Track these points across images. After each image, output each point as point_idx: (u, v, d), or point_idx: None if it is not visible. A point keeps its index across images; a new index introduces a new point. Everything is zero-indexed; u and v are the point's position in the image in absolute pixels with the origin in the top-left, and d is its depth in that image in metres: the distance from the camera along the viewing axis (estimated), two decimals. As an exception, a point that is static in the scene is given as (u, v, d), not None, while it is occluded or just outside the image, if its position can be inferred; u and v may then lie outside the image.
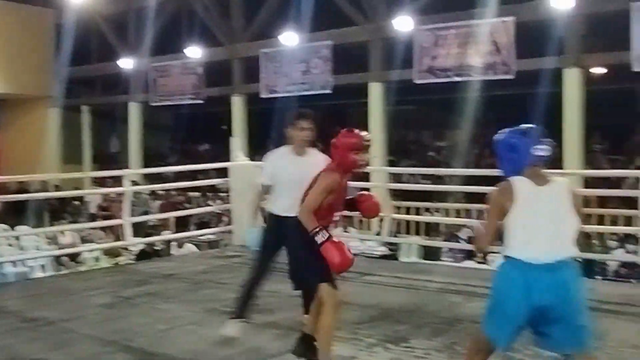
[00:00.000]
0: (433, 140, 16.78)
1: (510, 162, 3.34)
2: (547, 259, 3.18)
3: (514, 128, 3.46)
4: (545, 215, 3.23)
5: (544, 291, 3.15)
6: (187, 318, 5.82)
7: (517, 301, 3.17)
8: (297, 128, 4.93)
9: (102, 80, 20.33)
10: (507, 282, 3.23)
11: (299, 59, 14.94)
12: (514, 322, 3.23)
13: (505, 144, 3.39)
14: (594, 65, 12.55)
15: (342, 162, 4.33)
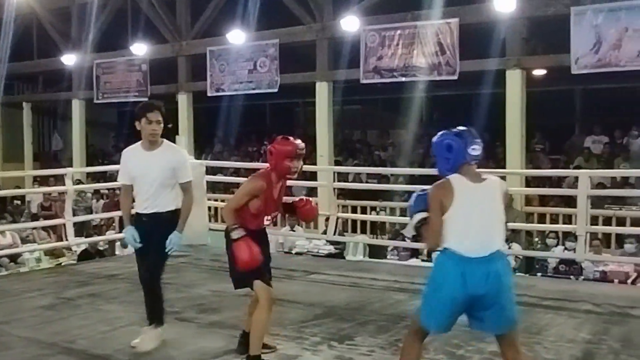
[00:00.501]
0: (379, 139, 16.91)
1: (447, 161, 3.57)
2: (482, 252, 3.42)
3: (449, 130, 3.68)
4: (480, 212, 3.46)
5: (478, 282, 3.40)
6: (130, 319, 5.75)
7: (453, 291, 3.42)
8: (146, 121, 4.79)
9: (44, 76, 19.86)
10: (445, 273, 3.47)
11: (245, 58, 14.87)
12: (449, 309, 3.48)
13: (442, 144, 3.61)
14: (535, 67, 12.81)
15: (277, 168, 4.48)
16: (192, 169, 9.48)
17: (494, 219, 3.51)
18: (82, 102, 18.34)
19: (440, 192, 3.48)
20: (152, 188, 4.86)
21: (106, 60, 17.55)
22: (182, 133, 14.21)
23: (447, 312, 3.50)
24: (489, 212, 3.48)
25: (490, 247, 3.46)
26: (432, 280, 3.56)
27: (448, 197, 3.44)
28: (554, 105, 14.99)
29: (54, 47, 18.51)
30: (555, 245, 10.05)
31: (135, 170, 4.91)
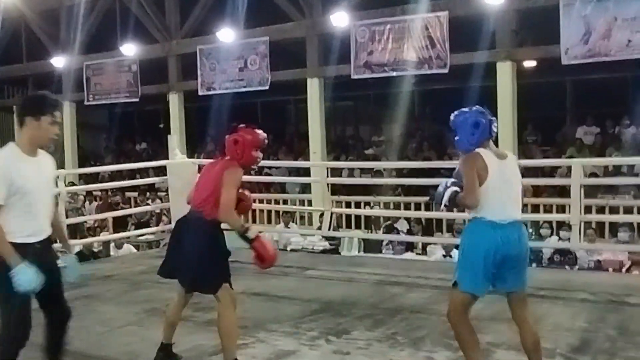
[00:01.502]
0: (371, 135, 16.91)
1: (472, 137, 3.90)
2: (512, 218, 3.85)
3: (473, 108, 4.02)
4: (508, 184, 3.87)
5: (512, 244, 3.82)
6: (126, 319, 5.73)
7: (492, 251, 3.77)
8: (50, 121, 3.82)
9: (34, 79, 19.72)
10: (484, 236, 3.81)
11: (236, 56, 14.83)
12: (490, 270, 3.81)
13: (468, 121, 3.93)
14: (525, 59, 12.83)
15: (243, 158, 4.36)
16: (185, 168, 9.53)
17: (518, 190, 3.94)
18: (73, 104, 18.26)
19: (477, 164, 3.80)
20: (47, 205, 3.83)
21: (96, 62, 17.48)
22: (174, 132, 14.16)
23: (487, 271, 3.80)
24: (514, 185, 3.91)
25: (517, 215, 3.89)
26: (471, 245, 3.86)
27: (483, 170, 3.79)
28: (545, 96, 15.02)
29: (43, 50, 18.42)
30: (549, 235, 10.07)
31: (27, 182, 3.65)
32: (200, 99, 16.09)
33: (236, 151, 4.35)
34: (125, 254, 10.24)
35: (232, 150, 4.37)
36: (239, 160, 4.34)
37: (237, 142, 4.36)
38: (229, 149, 4.39)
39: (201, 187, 4.38)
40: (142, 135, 20.87)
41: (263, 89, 14.67)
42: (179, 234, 4.39)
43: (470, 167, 3.80)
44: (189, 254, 4.25)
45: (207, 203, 4.26)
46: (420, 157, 14.20)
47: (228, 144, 4.40)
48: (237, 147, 4.35)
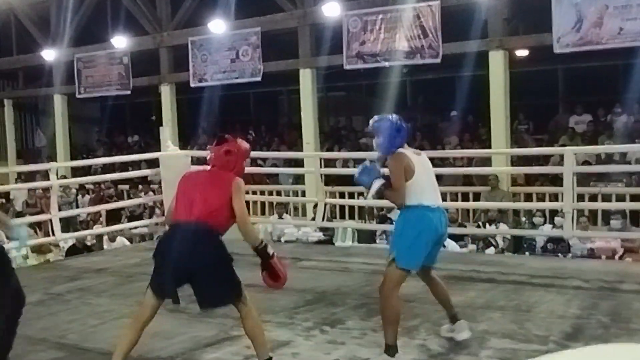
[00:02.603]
0: (364, 125, 16.89)
1: (395, 140, 4.36)
2: (437, 203, 4.43)
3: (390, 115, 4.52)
4: (430, 175, 4.47)
5: (442, 224, 4.41)
6: (120, 312, 5.73)
7: (433, 232, 4.33)
8: None
9: (25, 72, 19.64)
10: (424, 221, 4.29)
11: (227, 47, 14.78)
12: (428, 249, 4.34)
13: (393, 126, 4.39)
14: (517, 48, 12.83)
15: (236, 169, 4.31)
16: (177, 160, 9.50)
17: (435, 180, 4.54)
18: (64, 97, 18.19)
19: (404, 162, 4.27)
20: None
21: (87, 54, 17.38)
22: (166, 124, 14.11)
23: (426, 250, 4.33)
24: (433, 176, 4.50)
25: (440, 200, 4.49)
26: (414, 229, 4.28)
27: (410, 166, 4.27)
28: (537, 85, 15.04)
29: (33, 43, 18.32)
30: (542, 224, 10.11)
31: None
32: (192, 91, 16.04)
33: (229, 162, 4.28)
34: (119, 247, 10.24)
35: (224, 160, 4.28)
36: (231, 171, 4.26)
37: (230, 153, 4.28)
38: (219, 159, 4.29)
39: (202, 200, 4.13)
40: (133, 127, 20.81)
41: (255, 80, 14.62)
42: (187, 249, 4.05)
43: (398, 168, 4.26)
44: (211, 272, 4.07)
45: (217, 215, 4.09)
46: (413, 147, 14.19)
47: (219, 154, 4.29)
48: (231, 157, 4.28)
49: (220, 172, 4.27)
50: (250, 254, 4.29)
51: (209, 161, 4.37)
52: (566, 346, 4.54)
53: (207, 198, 4.12)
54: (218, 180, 4.21)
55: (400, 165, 4.26)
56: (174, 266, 4.07)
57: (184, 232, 4.09)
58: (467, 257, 8.50)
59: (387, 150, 4.39)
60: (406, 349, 4.59)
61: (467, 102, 13.77)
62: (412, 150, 4.46)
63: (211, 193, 4.14)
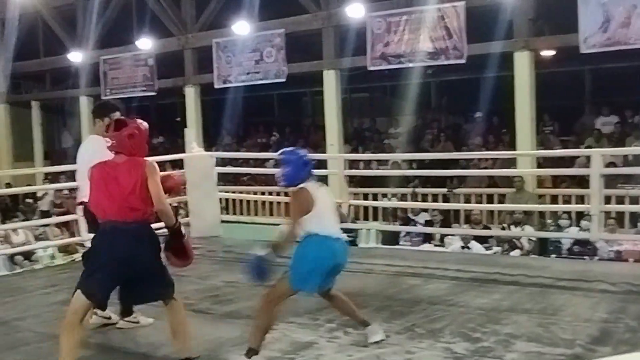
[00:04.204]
0: (387, 126, 16.85)
1: (300, 173, 4.53)
2: (337, 233, 4.57)
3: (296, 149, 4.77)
4: (331, 206, 4.63)
5: (341, 254, 4.55)
6: (146, 312, 5.74)
7: (329, 260, 4.46)
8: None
9: (52, 74, 19.89)
10: (325, 248, 4.45)
11: (252, 48, 14.84)
12: (323, 274, 4.44)
13: (300, 161, 4.57)
14: (543, 48, 12.71)
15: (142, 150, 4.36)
16: (202, 161, 9.55)
17: (336, 212, 4.74)
18: (90, 98, 18.36)
19: (306, 197, 4.42)
20: None
21: (112, 56, 17.56)
22: (191, 126, 14.20)
23: (322, 276, 4.46)
24: (332, 207, 4.66)
25: (339, 230, 4.62)
26: (313, 254, 4.43)
27: (309, 200, 4.42)
28: (563, 86, 14.88)
29: (60, 45, 18.53)
30: (568, 226, 10.00)
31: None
32: (217, 92, 16.11)
33: (132, 145, 4.26)
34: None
35: (127, 144, 4.25)
36: (136, 154, 4.27)
37: (133, 136, 4.27)
38: (122, 143, 4.25)
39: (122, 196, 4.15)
40: (158, 129, 20.89)
41: (279, 81, 14.65)
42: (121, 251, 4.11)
43: (298, 202, 4.43)
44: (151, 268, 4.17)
45: (142, 207, 4.16)
46: (437, 148, 14.15)
47: (121, 139, 4.24)
48: (134, 141, 4.27)
49: (130, 159, 4.25)
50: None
51: (112, 148, 4.28)
52: (593, 350, 4.49)
53: (128, 191, 4.15)
54: (131, 168, 4.20)
55: (301, 200, 4.44)
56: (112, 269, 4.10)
57: (119, 234, 4.13)
58: (491, 259, 8.44)
59: (292, 182, 4.55)
60: (431, 351, 4.57)
61: (491, 103, 13.69)
62: (314, 184, 4.59)
63: (129, 184, 4.16)
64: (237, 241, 9.20)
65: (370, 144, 15.75)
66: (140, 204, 4.15)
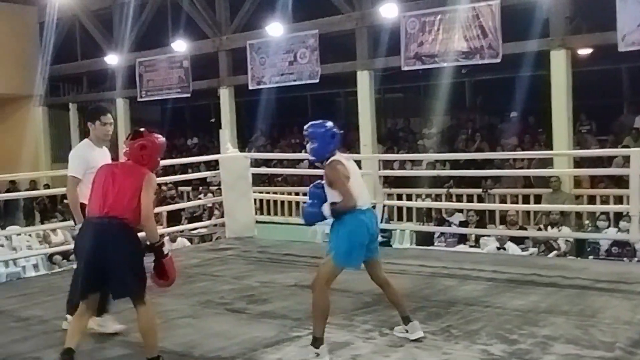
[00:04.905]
0: (421, 127, 16.77)
1: (328, 146, 4.54)
2: (368, 204, 4.66)
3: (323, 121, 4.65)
4: (359, 179, 4.65)
5: (374, 224, 4.62)
6: (182, 311, 5.82)
7: (365, 232, 4.51)
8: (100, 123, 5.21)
9: (89, 77, 20.18)
10: (356, 223, 4.48)
11: (285, 49, 14.88)
12: (364, 247, 4.53)
13: (327, 133, 4.57)
14: (580, 47, 12.53)
15: (150, 164, 4.42)
16: (237, 162, 9.60)
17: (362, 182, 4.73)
18: (126, 100, 18.62)
19: (342, 168, 4.46)
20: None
21: (148, 59, 17.76)
22: (225, 126, 14.32)
23: (363, 250, 4.53)
24: (361, 178, 4.71)
25: (369, 200, 4.76)
26: (350, 230, 4.47)
27: (347, 171, 4.47)
28: (600, 85, 14.66)
29: (97, 48, 18.80)
30: (606, 227, 9.85)
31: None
32: (251, 94, 16.20)
33: (142, 156, 4.39)
34: (179, 248, 10.39)
35: (138, 155, 4.39)
36: (145, 165, 4.38)
37: (145, 148, 4.40)
38: (133, 153, 4.40)
39: (114, 194, 4.27)
40: (193, 130, 21.13)
41: (313, 82, 14.68)
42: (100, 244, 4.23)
43: (339, 173, 4.44)
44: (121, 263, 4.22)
45: (129, 209, 4.23)
46: (472, 149, 14.04)
47: (133, 149, 4.41)
48: (145, 152, 4.39)
49: (134, 165, 4.38)
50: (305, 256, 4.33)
51: (125, 155, 4.47)
52: (633, 353, 4.42)
53: (120, 192, 4.26)
54: (131, 173, 4.33)
55: (340, 170, 4.45)
56: (87, 262, 4.29)
57: (96, 228, 4.27)
58: (528, 261, 8.35)
59: (321, 156, 4.56)
60: (467, 352, 4.54)
61: (527, 103, 13.53)
62: (344, 156, 4.64)
63: (123, 186, 4.28)
64: (272, 241, 9.24)
65: (404, 144, 15.69)
66: (126, 207, 4.24)
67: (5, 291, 7.09)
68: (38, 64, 19.37)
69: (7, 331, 5.41)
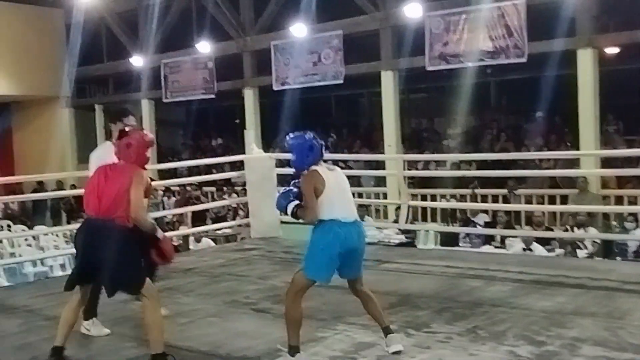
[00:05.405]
0: (446, 127, 16.69)
1: (307, 158, 4.48)
2: (351, 218, 4.51)
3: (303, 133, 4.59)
4: (343, 190, 4.56)
5: (353, 239, 4.47)
6: (208, 311, 5.84)
7: (339, 246, 4.39)
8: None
9: (115, 78, 20.38)
10: (332, 235, 4.39)
11: (309, 50, 14.90)
12: (335, 261, 4.41)
13: (304, 145, 4.52)
14: (607, 46, 12.40)
15: (138, 160, 4.53)
16: (262, 162, 9.63)
17: (350, 195, 4.63)
18: (151, 101, 18.77)
19: (313, 180, 4.39)
20: None
21: (173, 60, 17.89)
22: (250, 127, 14.36)
23: (334, 264, 4.43)
24: (347, 190, 4.59)
25: (354, 215, 4.56)
26: (320, 241, 4.41)
27: (320, 183, 4.39)
28: (628, 84, 14.48)
29: (122, 50, 18.98)
30: (634, 228, 9.73)
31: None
32: (275, 94, 16.23)
33: (130, 154, 4.52)
34: (204, 248, 10.44)
35: (125, 153, 4.53)
36: (133, 162, 4.51)
37: (130, 146, 4.53)
38: (122, 152, 4.55)
39: (107, 195, 4.41)
40: (217, 130, 21.22)
41: (337, 82, 14.67)
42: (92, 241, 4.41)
43: (309, 185, 4.39)
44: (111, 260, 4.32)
45: (118, 208, 4.36)
46: (497, 149, 13.94)
47: (121, 147, 4.56)
48: (131, 150, 4.52)
49: (125, 165, 4.52)
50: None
51: (116, 154, 4.60)
52: (664, 356, 4.36)
53: (112, 191, 4.40)
54: (122, 172, 4.47)
55: (310, 183, 4.41)
56: (81, 258, 4.51)
57: (90, 227, 4.47)
58: (554, 262, 8.27)
59: (300, 167, 4.52)
60: (494, 354, 4.50)
61: (553, 103, 13.39)
62: (326, 167, 4.56)
63: (115, 186, 4.42)
64: (296, 242, 9.23)
65: (428, 144, 15.63)
66: (119, 206, 4.37)
67: (34, 290, 7.17)
68: (65, 65, 19.60)
69: (36, 330, 5.47)
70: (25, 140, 21.30)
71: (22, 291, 7.37)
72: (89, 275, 4.47)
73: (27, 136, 21.25)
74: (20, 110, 21.55)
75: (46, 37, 19.64)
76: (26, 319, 5.82)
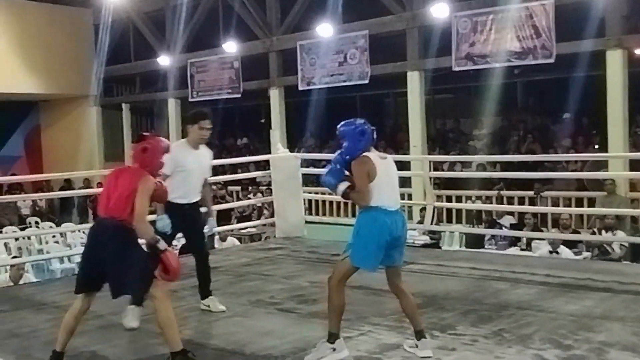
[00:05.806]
0: (472, 128, 16.59)
1: (359, 144, 4.53)
2: (396, 206, 4.59)
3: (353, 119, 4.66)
4: (392, 179, 4.63)
5: (399, 227, 4.53)
6: (233, 309, 5.87)
7: (386, 234, 4.44)
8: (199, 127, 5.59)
9: (141, 77, 20.53)
10: (379, 223, 4.44)
11: (335, 50, 14.88)
12: (382, 249, 4.45)
13: (356, 130, 4.57)
14: (637, 47, 12.21)
15: (152, 165, 4.56)
16: (287, 162, 9.66)
17: (397, 183, 4.72)
18: (177, 101, 18.88)
19: (367, 166, 4.45)
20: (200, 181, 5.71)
21: (199, 59, 17.98)
22: (275, 127, 14.38)
23: (380, 253, 4.46)
24: (395, 180, 4.67)
25: (399, 203, 4.65)
26: (367, 229, 4.46)
27: (373, 170, 4.45)
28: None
29: (149, 49, 19.12)
30: (664, 231, 9.60)
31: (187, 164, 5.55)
32: (300, 94, 16.25)
33: (145, 159, 4.55)
34: (229, 247, 10.49)
35: (141, 157, 4.56)
36: (147, 167, 4.52)
37: (146, 150, 4.55)
38: (137, 157, 4.59)
39: (115, 196, 4.45)
40: (243, 130, 21.31)
41: (363, 82, 14.65)
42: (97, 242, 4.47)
43: (362, 171, 4.45)
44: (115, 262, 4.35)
45: (124, 211, 4.38)
46: (523, 150, 13.84)
47: (136, 152, 4.59)
48: (147, 154, 4.55)
49: (136, 169, 4.55)
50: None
51: (131, 158, 4.67)
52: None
53: (119, 194, 4.43)
54: (131, 176, 4.48)
55: (364, 168, 4.46)
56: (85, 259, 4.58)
57: (97, 228, 4.56)
58: (582, 265, 8.19)
59: (352, 154, 4.54)
60: (520, 357, 4.47)
61: (581, 104, 13.27)
62: (377, 154, 4.62)
63: (122, 189, 4.44)
64: (321, 242, 9.25)
65: (454, 145, 15.55)
66: (124, 209, 4.40)
67: (61, 287, 7.24)
68: (93, 65, 19.79)
69: (64, 326, 5.53)
70: (53, 139, 21.57)
71: (50, 287, 7.46)
72: (94, 280, 4.48)
73: (56, 134, 21.52)
74: (49, 109, 21.83)
75: (74, 36, 19.84)
76: (54, 314, 5.87)
